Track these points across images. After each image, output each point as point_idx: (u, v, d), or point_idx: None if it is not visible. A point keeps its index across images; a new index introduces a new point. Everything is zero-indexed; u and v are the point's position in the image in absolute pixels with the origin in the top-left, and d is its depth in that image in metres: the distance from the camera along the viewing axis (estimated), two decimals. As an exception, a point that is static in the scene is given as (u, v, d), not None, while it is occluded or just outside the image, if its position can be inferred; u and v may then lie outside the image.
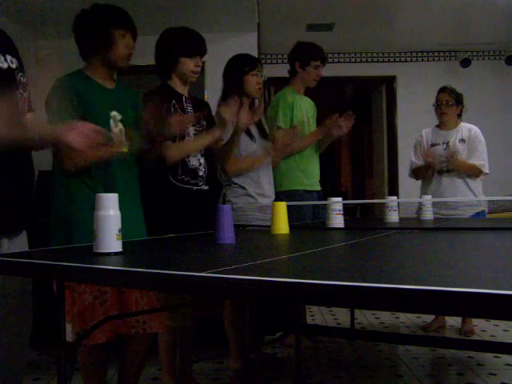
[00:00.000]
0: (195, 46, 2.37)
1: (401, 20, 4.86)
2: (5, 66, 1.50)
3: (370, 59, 5.79)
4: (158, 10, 3.95)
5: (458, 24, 4.94)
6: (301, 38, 5.23)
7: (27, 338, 1.58)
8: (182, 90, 2.41)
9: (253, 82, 2.66)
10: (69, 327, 1.74)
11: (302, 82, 3.11)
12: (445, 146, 3.36)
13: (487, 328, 3.45)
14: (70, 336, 1.71)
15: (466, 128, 3.43)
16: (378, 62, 5.81)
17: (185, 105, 2.37)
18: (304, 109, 3.10)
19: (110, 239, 1.26)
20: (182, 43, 2.35)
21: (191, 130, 2.35)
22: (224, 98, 2.65)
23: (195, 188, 2.33)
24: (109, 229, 1.26)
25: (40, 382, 2.65)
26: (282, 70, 4.84)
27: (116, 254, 1.27)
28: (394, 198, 2.95)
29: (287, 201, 2.04)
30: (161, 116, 2.01)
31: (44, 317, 2.50)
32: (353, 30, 5.06)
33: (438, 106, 3.45)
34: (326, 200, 2.20)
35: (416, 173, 3.46)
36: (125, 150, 1.95)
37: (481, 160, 3.31)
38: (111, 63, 2.00)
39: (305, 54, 3.07)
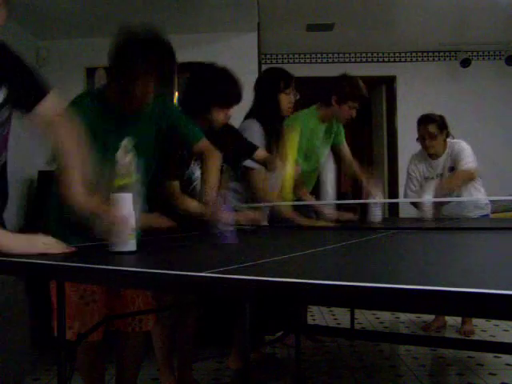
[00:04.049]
0: (232, 96, 2.19)
1: (401, 20, 4.86)
2: None
3: (370, 59, 5.80)
4: (158, 10, 3.95)
5: (458, 24, 4.94)
6: (301, 38, 5.29)
7: (27, 340, 1.58)
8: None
9: (285, 102, 2.55)
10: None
11: (332, 115, 2.96)
12: (438, 179, 3.23)
13: (487, 328, 3.45)
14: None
15: (452, 148, 3.24)
16: (378, 62, 5.81)
17: None
18: (317, 141, 2.97)
19: (123, 238, 1.30)
20: (218, 92, 2.15)
21: (198, 174, 2.22)
22: (255, 114, 2.56)
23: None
24: (122, 228, 1.29)
25: (40, 382, 2.65)
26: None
27: (130, 253, 1.30)
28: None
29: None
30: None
31: (44, 317, 2.50)
32: (353, 30, 5.06)
33: (422, 140, 3.26)
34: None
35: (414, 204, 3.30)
36: (130, 180, 1.91)
37: (465, 164, 3.14)
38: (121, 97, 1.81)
39: (345, 91, 2.88)
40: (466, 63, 5.55)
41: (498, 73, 5.66)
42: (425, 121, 3.24)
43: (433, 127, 3.19)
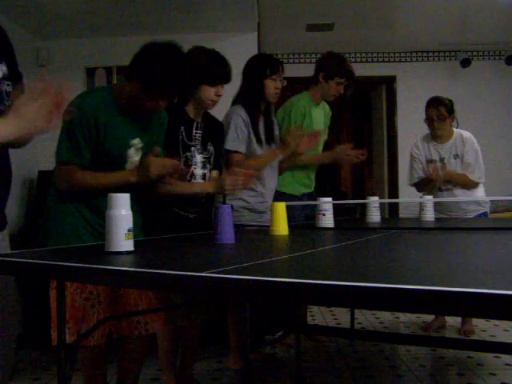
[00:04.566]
0: (219, 73, 2.22)
1: (401, 20, 4.85)
2: None
3: (369, 59, 5.79)
4: (158, 10, 3.94)
5: (458, 24, 4.94)
6: (301, 38, 5.29)
7: (14, 339, 1.57)
8: (196, 114, 2.29)
9: (271, 88, 2.58)
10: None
11: (321, 92, 3.02)
12: (441, 164, 3.29)
13: (487, 328, 3.45)
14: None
15: (460, 138, 3.30)
16: (378, 62, 5.81)
17: (193, 132, 2.26)
18: (315, 119, 3.03)
19: (120, 238, 1.30)
20: (206, 69, 2.20)
21: (198, 158, 2.26)
22: (241, 99, 2.59)
23: (191, 216, 2.26)
24: (119, 228, 1.30)
25: (40, 381, 2.65)
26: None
27: (128, 253, 1.30)
28: (376, 198, 2.85)
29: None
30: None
31: (44, 317, 2.50)
32: (353, 30, 5.06)
33: (430, 122, 3.31)
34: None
35: (420, 185, 3.40)
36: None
37: (476, 173, 3.24)
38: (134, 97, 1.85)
39: (332, 67, 2.96)
40: (465, 63, 5.54)
41: (498, 73, 5.65)
42: (435, 102, 3.31)
43: (441, 109, 3.27)
